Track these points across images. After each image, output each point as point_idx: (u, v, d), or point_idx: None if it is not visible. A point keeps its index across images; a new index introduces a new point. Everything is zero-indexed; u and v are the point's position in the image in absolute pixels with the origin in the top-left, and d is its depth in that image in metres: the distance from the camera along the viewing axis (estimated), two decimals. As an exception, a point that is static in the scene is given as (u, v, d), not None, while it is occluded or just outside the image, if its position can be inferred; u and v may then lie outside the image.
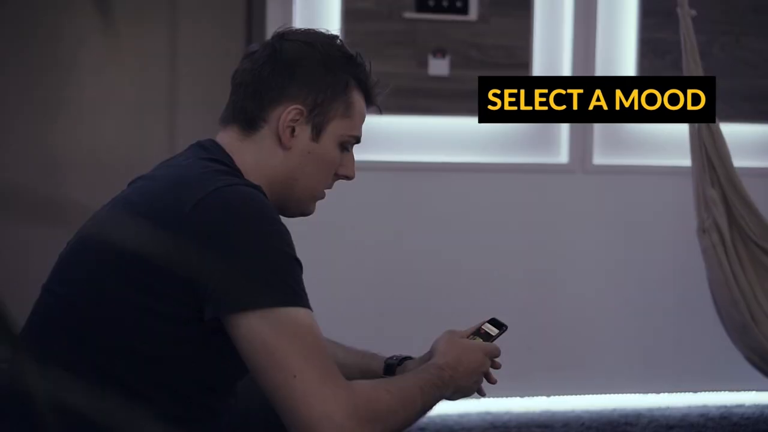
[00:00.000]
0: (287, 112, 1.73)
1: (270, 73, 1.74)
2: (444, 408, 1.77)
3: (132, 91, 3.81)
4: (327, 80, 1.75)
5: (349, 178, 1.83)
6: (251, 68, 1.76)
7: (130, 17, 3.72)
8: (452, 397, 1.80)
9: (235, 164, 1.72)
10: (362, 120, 1.81)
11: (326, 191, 1.84)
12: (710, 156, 3.52)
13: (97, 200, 1.81)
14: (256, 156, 1.74)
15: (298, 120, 1.74)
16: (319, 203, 1.84)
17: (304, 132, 1.74)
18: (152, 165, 1.83)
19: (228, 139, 1.75)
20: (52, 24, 3.72)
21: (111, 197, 1.76)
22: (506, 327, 1.93)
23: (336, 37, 1.81)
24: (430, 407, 1.72)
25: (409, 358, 1.95)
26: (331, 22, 3.64)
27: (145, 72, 3.81)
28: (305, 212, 1.83)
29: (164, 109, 3.82)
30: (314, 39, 1.77)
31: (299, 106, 1.73)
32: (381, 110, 1.85)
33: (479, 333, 1.91)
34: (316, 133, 1.75)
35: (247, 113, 1.74)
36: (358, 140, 1.81)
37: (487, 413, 3.78)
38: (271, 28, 3.48)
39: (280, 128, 1.73)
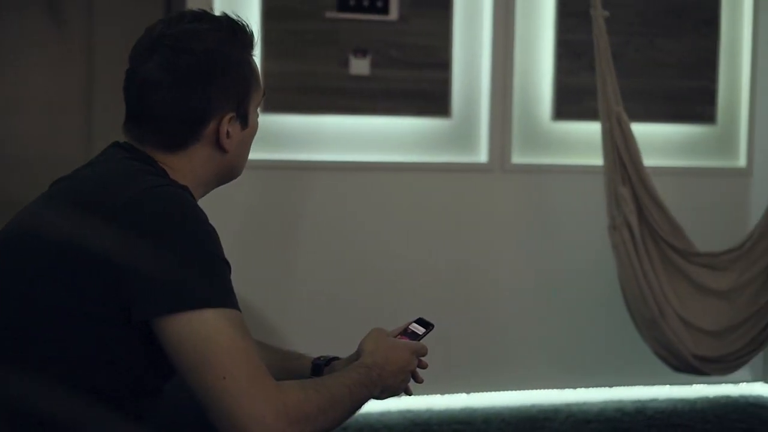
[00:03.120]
0: (223, 125, 1.72)
1: (187, 98, 1.70)
2: (365, 407, 1.78)
3: (46, 87, 3.74)
4: (238, 73, 1.75)
5: None
6: (162, 99, 1.70)
7: (46, 10, 3.65)
8: (380, 396, 1.82)
9: (159, 165, 1.70)
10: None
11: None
12: (621, 155, 3.60)
13: (11, 197, 1.78)
14: (188, 165, 1.73)
15: (230, 122, 1.74)
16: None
17: (236, 128, 1.76)
18: (68, 161, 1.80)
19: (147, 148, 1.72)
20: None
21: (25, 194, 1.73)
22: (433, 326, 1.95)
23: (211, 16, 1.78)
24: (359, 407, 1.73)
25: (337, 358, 1.96)
26: (252, 20, 3.61)
27: (59, 66, 3.74)
28: (238, 176, 1.87)
29: (80, 103, 3.76)
30: (203, 36, 1.73)
31: (230, 113, 1.73)
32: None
33: (406, 332, 1.92)
34: (244, 120, 1.77)
35: (174, 140, 1.71)
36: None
37: (408, 411, 3.80)
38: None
39: (222, 140, 1.73)
